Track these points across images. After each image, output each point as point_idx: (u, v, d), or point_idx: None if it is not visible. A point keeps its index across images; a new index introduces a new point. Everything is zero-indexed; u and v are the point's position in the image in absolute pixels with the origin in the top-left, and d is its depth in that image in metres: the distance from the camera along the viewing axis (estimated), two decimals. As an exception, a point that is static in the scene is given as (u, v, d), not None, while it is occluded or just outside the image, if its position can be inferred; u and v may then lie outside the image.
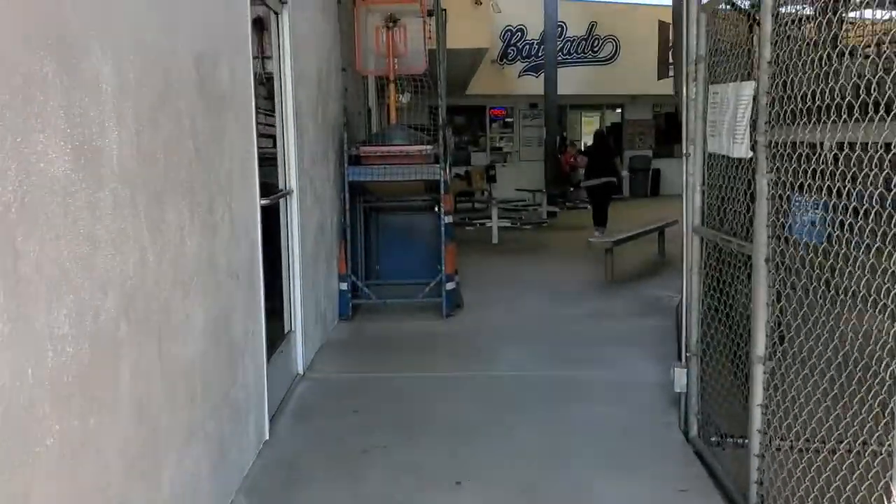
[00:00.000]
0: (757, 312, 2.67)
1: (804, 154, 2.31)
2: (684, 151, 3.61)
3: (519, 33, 17.29)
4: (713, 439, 3.61)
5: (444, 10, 7.90)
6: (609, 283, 8.29)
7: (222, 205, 3.15)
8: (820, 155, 2.21)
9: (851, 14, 2.62)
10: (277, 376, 4.23)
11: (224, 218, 3.18)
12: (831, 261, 2.36)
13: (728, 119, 3.04)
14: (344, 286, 6.47)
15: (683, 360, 3.72)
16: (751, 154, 2.85)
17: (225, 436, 3.11)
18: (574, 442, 3.70)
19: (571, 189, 16.77)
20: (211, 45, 3.11)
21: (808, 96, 2.30)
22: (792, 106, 2.42)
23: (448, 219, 6.55)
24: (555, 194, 15.22)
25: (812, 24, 2.54)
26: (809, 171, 2.27)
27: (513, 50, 17.36)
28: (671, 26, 5.60)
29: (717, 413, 3.68)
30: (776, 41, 2.52)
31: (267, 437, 3.77)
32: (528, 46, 17.40)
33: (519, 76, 17.53)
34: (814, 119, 2.23)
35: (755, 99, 2.74)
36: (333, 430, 3.90)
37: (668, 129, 20.83)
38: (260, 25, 4.47)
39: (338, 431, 3.89)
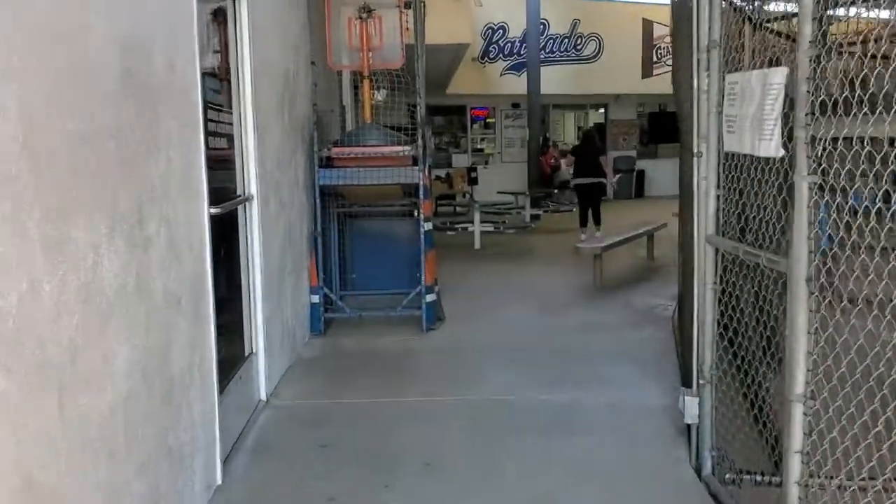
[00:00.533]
0: (795, 342, 2.22)
1: (865, 151, 1.86)
2: (695, 150, 3.17)
3: (500, 31, 16.85)
4: (728, 476, 3.18)
5: (423, 2, 7.44)
6: (598, 290, 7.87)
7: (156, 216, 2.66)
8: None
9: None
10: (234, 407, 3.73)
11: (159, 232, 2.69)
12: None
13: (752, 112, 2.60)
14: (316, 299, 5.97)
15: (695, 387, 3.28)
16: (782, 152, 2.41)
17: (161, 492, 2.61)
18: (571, 484, 3.24)
19: (555, 191, 16.35)
20: (142, 30, 2.61)
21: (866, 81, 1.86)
22: (843, 94, 1.98)
23: (428, 225, 6.07)
24: (538, 197, 14.79)
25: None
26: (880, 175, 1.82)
27: (494, 48, 16.92)
28: (672, 15, 5.14)
29: (731, 444, 3.25)
30: (819, 15, 2.08)
31: (219, 482, 3.27)
32: (509, 45, 16.96)
33: (500, 75, 17.09)
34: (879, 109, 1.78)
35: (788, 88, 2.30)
36: (297, 472, 3.41)
37: (652, 130, 20.52)
38: (215, 13, 3.97)
39: (302, 472, 3.39)
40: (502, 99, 18.07)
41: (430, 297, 6.03)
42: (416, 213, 6.21)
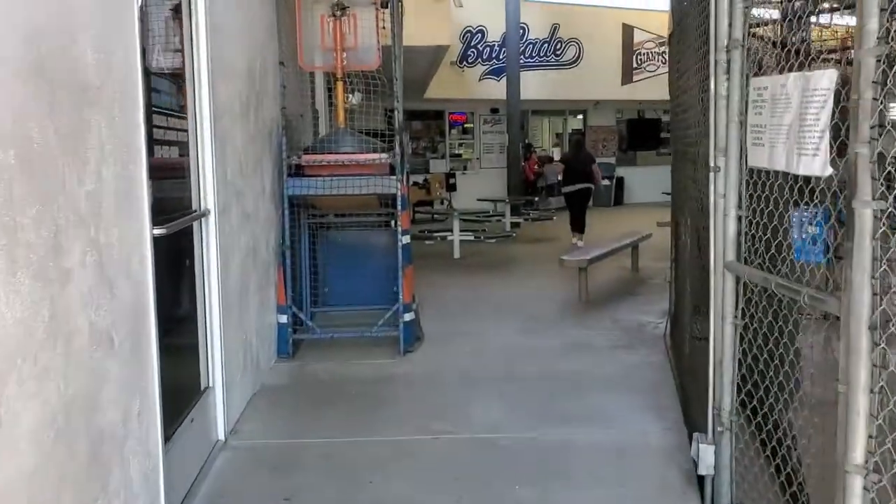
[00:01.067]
0: (854, 402, 1.83)
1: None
2: (711, 164, 2.78)
3: (479, 35, 16.49)
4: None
5: (401, 1, 7.03)
6: (584, 305, 7.50)
7: (81, 243, 2.20)
8: None
9: None
10: (186, 454, 3.27)
11: (85, 261, 2.23)
12: None
13: (789, 123, 2.22)
14: (283, 319, 5.51)
15: (710, 434, 2.89)
16: (830, 171, 2.03)
17: (83, 577, 2.15)
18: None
19: (536, 199, 16.02)
20: (62, 17, 2.16)
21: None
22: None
23: (406, 239, 5.64)
24: (519, 204, 14.43)
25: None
26: None
27: (473, 52, 16.55)
28: (671, 13, 4.75)
29: (748, 497, 2.86)
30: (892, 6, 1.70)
31: (164, 547, 2.81)
32: (488, 49, 16.61)
33: (479, 80, 16.72)
34: None
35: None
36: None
37: (630, 136, 20.31)
38: (167, 6, 3.52)
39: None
40: (481, 104, 17.71)
41: (408, 317, 5.60)
42: (393, 224, 5.79)
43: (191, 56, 3.67)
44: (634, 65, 18.17)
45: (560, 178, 12.15)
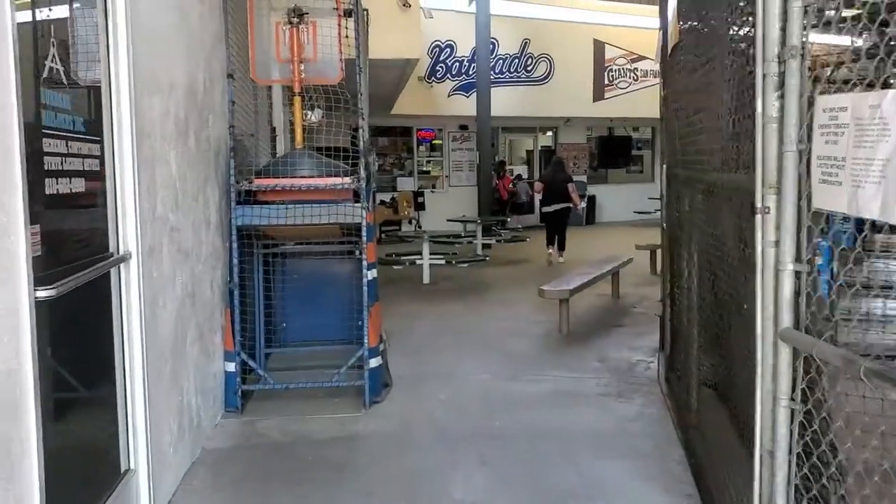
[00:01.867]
0: None
1: None
2: (757, 204, 2.21)
3: (448, 49, 15.98)
4: None
5: (367, 10, 6.43)
6: (566, 340, 6.92)
7: None
8: None
9: None
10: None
11: None
12: None
13: (887, 157, 1.65)
14: (231, 367, 4.82)
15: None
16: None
17: None
18: None
19: (508, 220, 15.50)
20: None
21: None
22: None
23: (372, 273, 5.01)
24: (490, 224, 13.87)
25: None
26: None
27: (442, 67, 16.03)
28: (673, 17, 4.19)
29: None
30: None
31: None
32: (457, 64, 16.10)
33: (448, 95, 16.19)
34: None
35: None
36: None
37: (602, 154, 19.97)
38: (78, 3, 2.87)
39: None
40: (450, 120, 17.19)
41: (374, 362, 4.95)
42: (357, 253, 5.16)
43: (107, 66, 3.01)
44: (606, 81, 17.84)
45: (539, 197, 12.29)
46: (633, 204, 18.99)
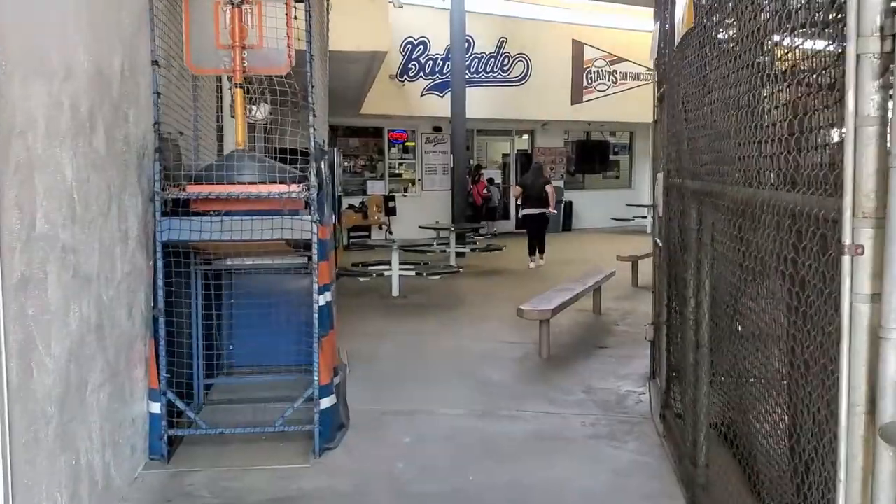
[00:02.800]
0: None
1: None
2: (846, 239, 1.54)
3: (421, 46, 15.27)
4: None
5: (326, -5, 5.72)
6: (547, 364, 6.25)
7: None
8: None
9: None
10: None
11: None
12: None
13: None
14: (157, 408, 4.06)
15: None
16: None
17: None
18: None
19: (484, 226, 14.85)
20: None
21: None
22: None
23: (325, 298, 4.28)
24: (464, 232, 13.20)
25: None
26: None
27: (414, 65, 15.31)
28: (688, 12, 3.49)
29: None
30: None
31: None
32: (431, 62, 15.40)
33: (421, 95, 15.48)
34: None
35: None
36: None
37: (579, 159, 19.41)
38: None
39: None
40: (423, 121, 16.48)
41: (326, 403, 4.22)
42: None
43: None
44: (585, 83, 17.27)
45: (518, 201, 12.46)
46: (611, 210, 18.47)
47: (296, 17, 4.18)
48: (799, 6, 1.76)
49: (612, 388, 5.51)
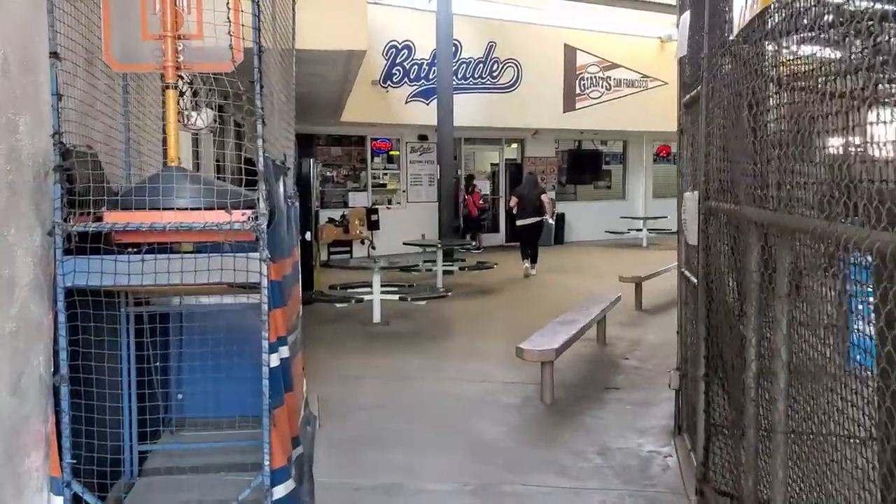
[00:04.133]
0: None
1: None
2: None
3: (405, 51, 14.40)
4: None
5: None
6: (551, 414, 5.38)
7: None
8: None
9: None
10: None
11: None
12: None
13: None
14: (59, 502, 3.13)
15: None
16: None
17: None
18: None
19: (473, 242, 13.99)
20: None
21: None
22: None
23: (278, 357, 3.36)
24: (452, 249, 12.32)
25: None
26: None
27: (398, 70, 14.44)
28: (692, 8, 2.60)
29: None
30: None
31: None
32: (416, 67, 14.53)
33: (406, 102, 14.60)
34: None
35: None
36: None
37: (571, 169, 18.60)
38: None
39: None
40: (408, 129, 15.60)
41: (280, 491, 3.29)
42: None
43: None
44: (578, 91, 16.48)
45: (514, 211, 12.63)
46: (604, 223, 17.68)
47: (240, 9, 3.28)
48: None
49: (632, 449, 4.62)
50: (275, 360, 3.27)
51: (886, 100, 1.60)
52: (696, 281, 4.05)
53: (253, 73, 3.20)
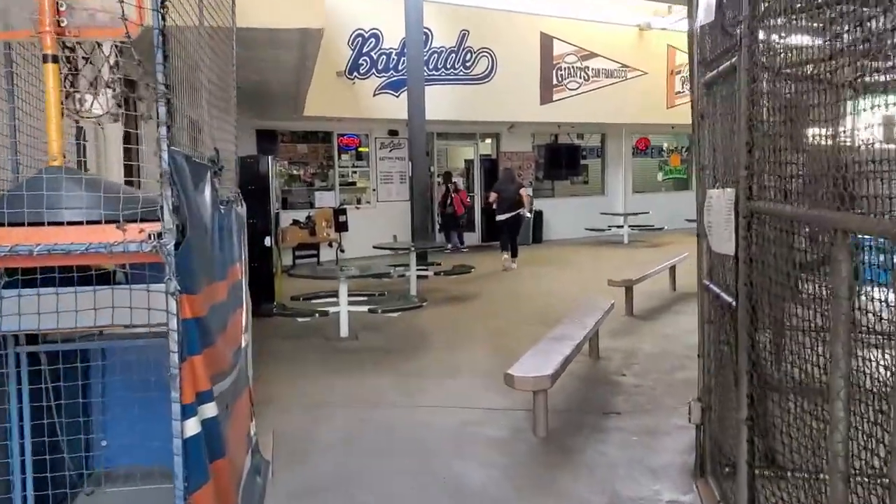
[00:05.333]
0: None
1: None
2: None
3: (373, 40, 13.51)
4: None
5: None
6: (545, 448, 4.59)
7: None
8: None
9: None
10: None
11: None
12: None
13: None
14: None
15: None
16: None
17: None
18: None
19: (449, 240, 13.21)
20: None
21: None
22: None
23: (195, 423, 2.51)
24: (425, 251, 11.50)
25: None
26: None
27: (365, 61, 13.54)
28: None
29: None
30: None
31: None
32: (384, 57, 13.65)
33: (374, 95, 13.71)
34: None
35: None
36: None
37: (549, 164, 17.88)
38: None
39: None
40: (377, 124, 14.72)
41: None
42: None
43: None
44: (555, 81, 15.74)
45: (494, 206, 12.72)
46: (584, 219, 16.98)
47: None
48: None
49: (648, 497, 3.85)
50: (193, 427, 2.43)
51: None
52: (728, 299, 3.29)
53: (154, 39, 2.35)
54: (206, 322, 2.65)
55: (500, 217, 12.65)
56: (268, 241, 8.87)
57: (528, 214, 13.46)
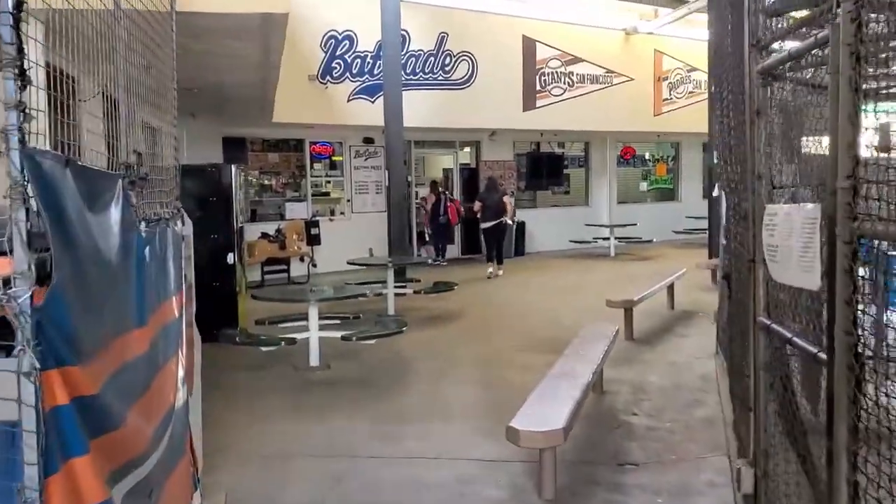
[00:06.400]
0: None
1: None
2: None
3: (346, 42, 12.69)
4: None
5: None
6: (555, 516, 3.80)
7: None
8: None
9: None
10: None
11: None
12: None
13: None
14: None
15: None
16: None
17: None
18: None
19: (431, 260, 12.40)
20: None
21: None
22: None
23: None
24: (403, 267, 10.68)
25: None
26: None
27: (339, 64, 12.71)
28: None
29: None
30: None
31: None
32: (359, 60, 12.83)
33: (348, 100, 12.88)
34: None
35: None
36: None
37: (531, 174, 17.17)
38: None
39: None
40: (351, 131, 13.89)
41: None
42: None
43: None
44: (538, 87, 15.04)
45: (479, 215, 12.81)
46: (567, 231, 16.29)
47: None
48: None
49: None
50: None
51: None
52: (809, 348, 2.53)
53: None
54: (101, 400, 1.83)
55: (484, 225, 12.79)
56: (230, 257, 8.01)
57: (510, 221, 13.38)
